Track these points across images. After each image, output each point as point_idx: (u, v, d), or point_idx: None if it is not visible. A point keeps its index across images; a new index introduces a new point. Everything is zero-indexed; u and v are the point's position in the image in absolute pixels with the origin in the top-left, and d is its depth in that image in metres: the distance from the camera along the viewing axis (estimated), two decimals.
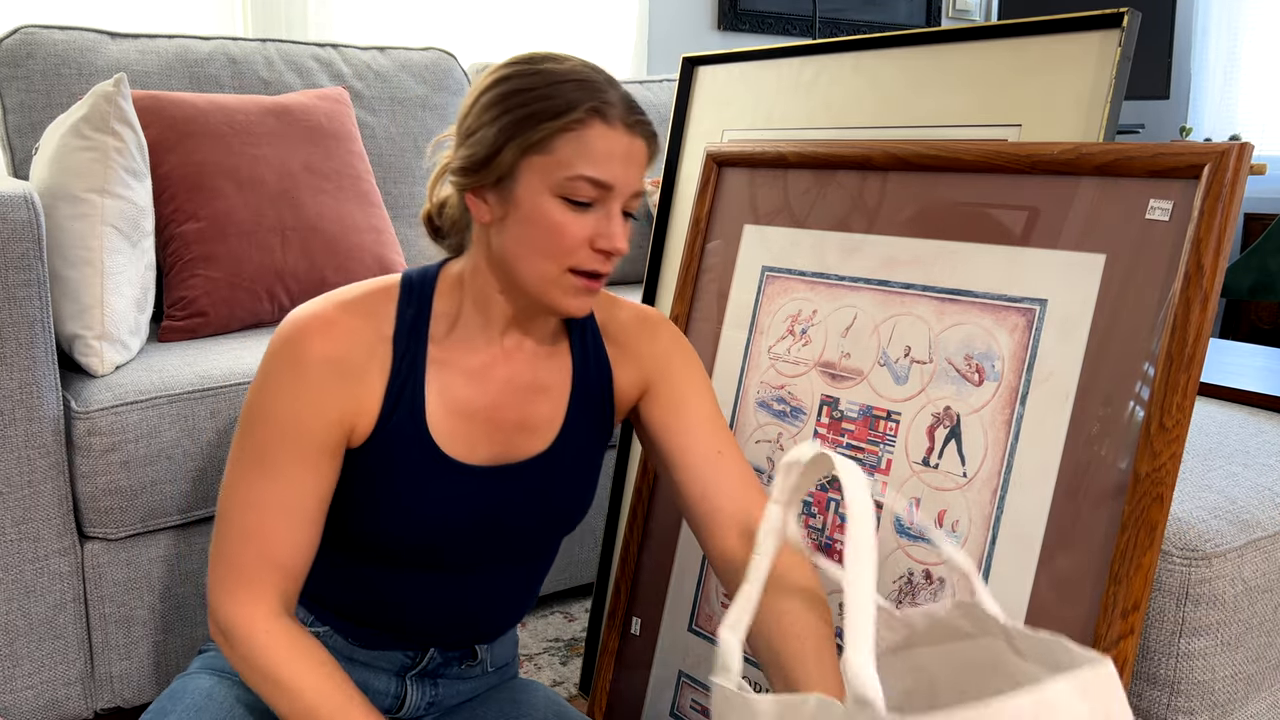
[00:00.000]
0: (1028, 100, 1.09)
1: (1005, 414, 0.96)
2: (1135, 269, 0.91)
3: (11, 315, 1.24)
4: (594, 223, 0.88)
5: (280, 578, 0.89)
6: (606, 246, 0.88)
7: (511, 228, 0.88)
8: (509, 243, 0.89)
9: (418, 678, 1.03)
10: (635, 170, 0.89)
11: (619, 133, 0.87)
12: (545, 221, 0.87)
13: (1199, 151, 0.89)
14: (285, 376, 0.88)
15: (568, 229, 0.87)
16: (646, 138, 0.90)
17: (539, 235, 0.87)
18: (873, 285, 1.10)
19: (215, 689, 0.95)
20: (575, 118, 0.85)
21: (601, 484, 1.81)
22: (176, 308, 1.61)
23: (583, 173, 0.86)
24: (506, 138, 0.86)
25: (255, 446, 0.89)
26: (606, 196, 0.87)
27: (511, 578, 1.02)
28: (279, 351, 0.89)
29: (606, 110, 0.86)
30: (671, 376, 1.02)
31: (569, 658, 1.65)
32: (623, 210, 0.89)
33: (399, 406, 0.91)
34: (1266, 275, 2.16)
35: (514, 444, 0.97)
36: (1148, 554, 0.84)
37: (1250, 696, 1.01)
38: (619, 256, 0.89)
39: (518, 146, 0.86)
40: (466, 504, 0.94)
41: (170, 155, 1.63)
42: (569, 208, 0.87)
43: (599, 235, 0.88)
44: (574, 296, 0.90)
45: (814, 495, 1.10)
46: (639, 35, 3.08)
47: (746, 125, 1.38)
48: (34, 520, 1.29)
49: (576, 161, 0.86)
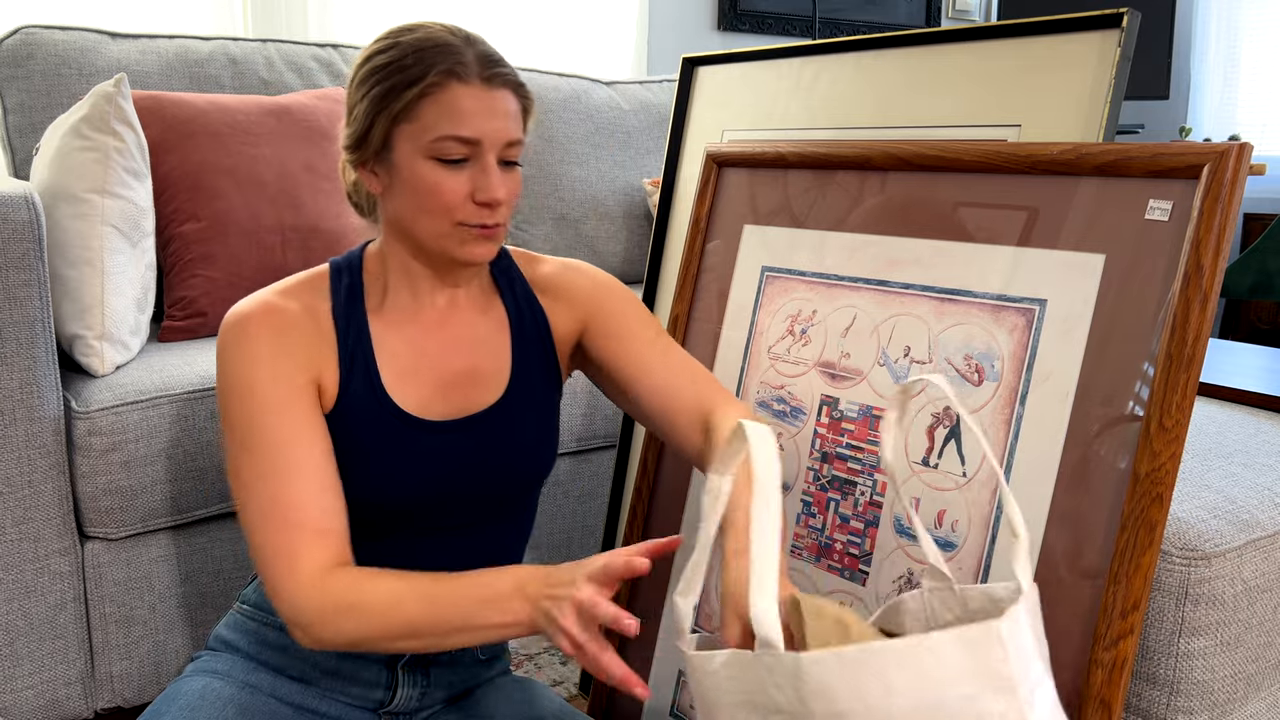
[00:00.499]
0: (1027, 100, 1.09)
1: (1005, 414, 0.96)
2: (1135, 269, 0.91)
3: (12, 315, 1.24)
4: (470, 177, 0.92)
5: (318, 539, 0.89)
6: (484, 198, 0.92)
7: (398, 194, 0.95)
8: (400, 208, 0.95)
9: (408, 666, 1.04)
10: (500, 121, 0.93)
11: (476, 88, 0.91)
12: (423, 184, 0.92)
13: (1198, 152, 0.89)
14: (242, 356, 0.92)
15: (444, 187, 0.92)
16: (509, 87, 0.94)
17: (421, 198, 0.93)
18: (872, 285, 1.10)
19: (209, 689, 0.96)
20: (431, 81, 0.90)
21: (602, 484, 1.81)
22: (176, 308, 1.62)
23: (446, 132, 0.91)
24: (376, 111, 0.93)
25: (240, 429, 0.91)
26: (477, 151, 0.92)
27: (491, 539, 1.05)
28: (228, 341, 0.94)
29: (461, 70, 0.91)
30: (606, 307, 1.08)
31: (569, 658, 1.65)
32: (503, 160, 0.94)
33: (354, 372, 0.96)
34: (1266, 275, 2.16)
35: (468, 397, 1.01)
36: (1147, 554, 0.84)
37: (1250, 696, 1.01)
38: (503, 206, 0.94)
39: (387, 118, 0.92)
40: (434, 461, 0.97)
41: (170, 155, 1.63)
42: (442, 167, 0.92)
43: (476, 189, 0.92)
44: (472, 245, 0.95)
45: (814, 495, 1.11)
46: (639, 35, 3.08)
47: (746, 125, 1.38)
48: (34, 520, 1.29)
49: (440, 123, 0.91)
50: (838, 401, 1.10)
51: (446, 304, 1.02)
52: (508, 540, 1.07)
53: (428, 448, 0.98)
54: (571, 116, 2.29)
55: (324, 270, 1.01)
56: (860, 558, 1.05)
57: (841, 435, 1.09)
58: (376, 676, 1.03)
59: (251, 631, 1.03)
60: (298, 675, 1.01)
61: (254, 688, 0.99)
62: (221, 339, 0.94)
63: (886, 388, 1.06)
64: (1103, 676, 0.85)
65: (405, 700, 1.04)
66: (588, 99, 2.34)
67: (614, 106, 2.37)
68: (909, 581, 1.00)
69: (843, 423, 1.09)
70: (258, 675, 1.01)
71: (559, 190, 2.26)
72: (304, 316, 0.96)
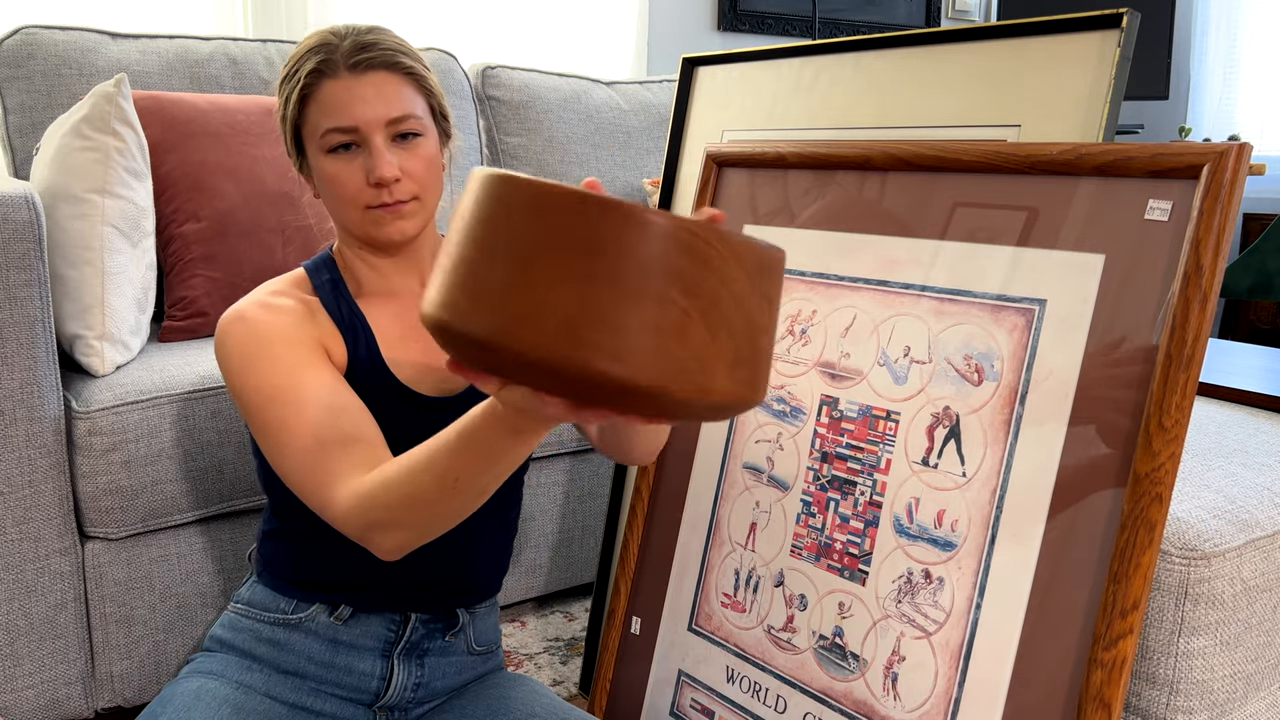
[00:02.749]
0: (1027, 100, 1.09)
1: (1005, 414, 0.96)
2: (1134, 269, 0.91)
3: (12, 315, 1.24)
4: (364, 162, 0.98)
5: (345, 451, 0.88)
6: (374, 178, 0.97)
7: (321, 191, 1.02)
8: (326, 204, 1.03)
9: (403, 656, 1.04)
10: (374, 103, 0.97)
11: (344, 80, 0.97)
12: (327, 177, 0.99)
13: (1198, 152, 0.89)
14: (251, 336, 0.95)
15: (342, 176, 0.98)
16: (379, 68, 0.98)
17: (330, 190, 1.00)
18: (872, 285, 1.10)
19: (204, 690, 0.96)
20: (306, 84, 0.98)
21: (602, 484, 1.81)
22: (177, 308, 1.62)
23: (326, 126, 0.97)
24: (282, 122, 1.02)
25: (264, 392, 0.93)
26: (360, 136, 0.97)
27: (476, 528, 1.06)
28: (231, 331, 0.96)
29: (327, 67, 0.97)
30: None
31: (569, 657, 1.65)
32: (399, 134, 0.98)
33: (358, 345, 1.01)
34: (1265, 275, 2.16)
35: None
36: (1147, 553, 0.84)
37: (1249, 696, 1.01)
38: (403, 181, 0.98)
39: (290, 124, 1.01)
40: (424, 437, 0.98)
41: (171, 155, 1.63)
42: (337, 158, 0.98)
43: (369, 171, 0.97)
44: (385, 224, 0.99)
45: (814, 495, 1.11)
46: (639, 35, 3.08)
47: (746, 125, 1.38)
48: (35, 520, 1.29)
49: (321, 119, 0.98)
50: (838, 401, 1.10)
51: (415, 279, 1.07)
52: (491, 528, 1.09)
53: (423, 424, 0.99)
54: (571, 116, 2.29)
55: (299, 273, 1.06)
56: (860, 558, 1.05)
57: (841, 435, 1.09)
58: (371, 668, 1.03)
59: (246, 629, 1.03)
60: (292, 669, 1.02)
61: (248, 687, 1.00)
62: (222, 333, 0.97)
63: (886, 388, 1.06)
64: (1102, 676, 0.85)
65: (400, 693, 1.05)
66: (588, 99, 2.34)
67: (614, 106, 2.37)
68: (909, 581, 1.01)
69: (843, 423, 1.09)
70: (252, 674, 1.01)
71: None
72: (300, 306, 1.00)
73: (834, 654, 1.05)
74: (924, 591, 0.99)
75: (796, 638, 1.09)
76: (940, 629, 0.97)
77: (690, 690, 1.19)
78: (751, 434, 1.18)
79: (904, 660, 0.99)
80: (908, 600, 1.00)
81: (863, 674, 1.02)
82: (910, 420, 1.03)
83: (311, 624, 1.02)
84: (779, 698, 1.10)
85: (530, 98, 2.27)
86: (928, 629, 0.98)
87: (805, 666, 1.08)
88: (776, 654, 1.11)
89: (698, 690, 1.19)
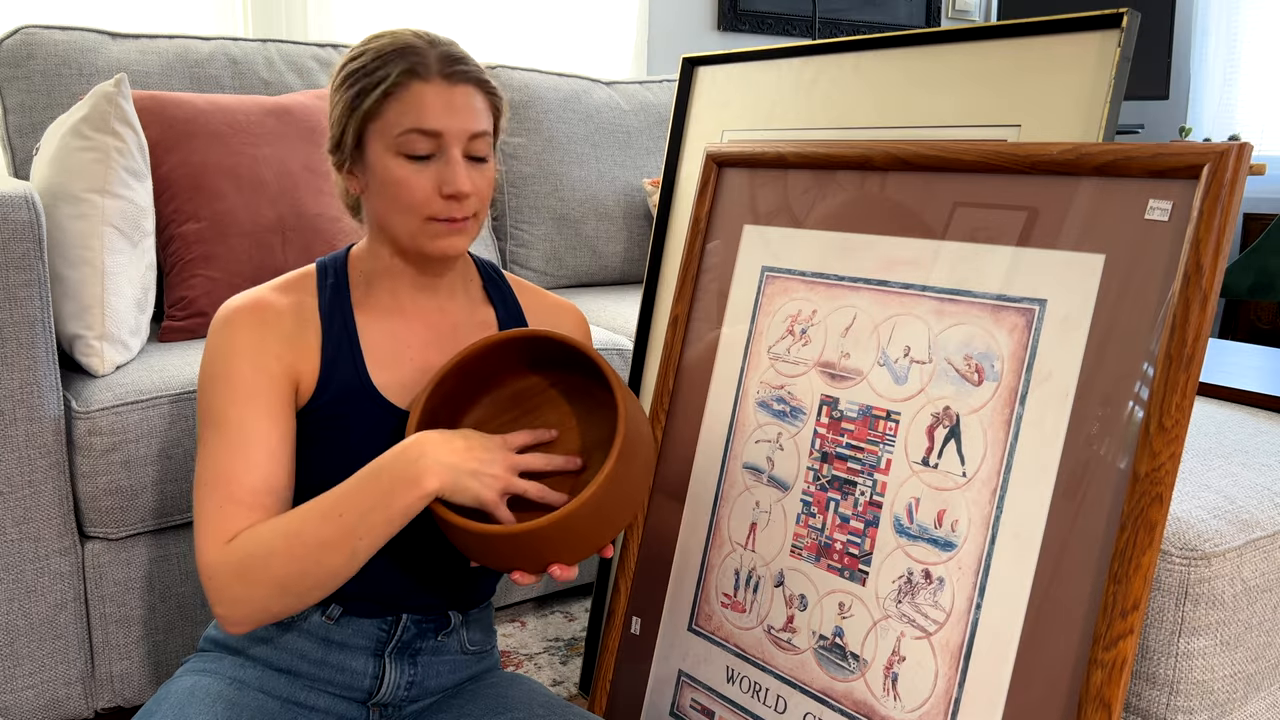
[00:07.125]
0: (1027, 100, 1.09)
1: (1005, 414, 0.96)
2: (1135, 269, 0.91)
3: (12, 315, 1.24)
4: (436, 172, 0.96)
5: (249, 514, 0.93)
6: (449, 190, 0.96)
7: (374, 192, 0.99)
8: (376, 205, 1.00)
9: (396, 655, 1.04)
10: (463, 115, 0.97)
11: (436, 85, 0.96)
12: (392, 179, 0.97)
13: (1198, 152, 0.89)
14: (225, 346, 0.97)
15: (412, 181, 0.96)
16: (470, 83, 0.98)
17: (392, 193, 0.97)
18: (872, 285, 1.10)
19: (197, 686, 0.97)
20: (394, 81, 0.95)
21: None
22: (177, 308, 1.62)
23: (409, 126, 0.95)
24: (348, 113, 0.98)
25: (214, 411, 0.96)
26: (440, 144, 0.96)
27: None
28: (215, 331, 0.99)
29: (421, 69, 0.96)
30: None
31: (569, 657, 1.65)
32: (468, 155, 0.98)
33: (339, 362, 1.00)
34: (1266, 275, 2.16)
35: None
36: (1147, 553, 0.84)
37: (1249, 696, 1.01)
38: (470, 198, 0.98)
39: (358, 119, 0.97)
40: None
41: (171, 155, 1.63)
42: (409, 162, 0.96)
43: (442, 182, 0.96)
44: (441, 238, 0.99)
45: (814, 495, 1.11)
46: (639, 35, 3.08)
47: (746, 125, 1.38)
48: (35, 520, 1.29)
49: (403, 118, 0.95)
50: (838, 401, 1.10)
51: (430, 303, 1.06)
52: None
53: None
54: (571, 116, 2.29)
55: (311, 269, 1.06)
56: (860, 558, 1.05)
57: (841, 435, 1.09)
58: (363, 667, 1.03)
59: None
60: (285, 667, 1.02)
61: (242, 683, 1.00)
62: (210, 329, 0.99)
63: (886, 388, 1.06)
64: (1103, 676, 0.85)
65: (392, 691, 1.05)
66: (587, 99, 2.34)
67: (614, 106, 2.37)
68: (909, 581, 1.01)
69: (843, 423, 1.09)
70: (246, 671, 1.01)
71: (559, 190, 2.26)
72: (290, 311, 1.00)
73: (834, 654, 1.05)
74: (924, 591, 0.99)
75: (796, 638, 1.09)
76: (940, 629, 0.97)
77: (690, 690, 1.19)
78: (751, 434, 1.18)
79: (904, 660, 0.99)
80: (908, 600, 1.00)
81: (863, 674, 1.02)
82: (910, 420, 1.03)
83: (303, 623, 1.02)
84: (779, 698, 1.10)
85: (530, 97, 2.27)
86: (928, 629, 0.98)
87: (805, 666, 1.08)
88: (776, 654, 1.11)
89: (698, 690, 1.18)
